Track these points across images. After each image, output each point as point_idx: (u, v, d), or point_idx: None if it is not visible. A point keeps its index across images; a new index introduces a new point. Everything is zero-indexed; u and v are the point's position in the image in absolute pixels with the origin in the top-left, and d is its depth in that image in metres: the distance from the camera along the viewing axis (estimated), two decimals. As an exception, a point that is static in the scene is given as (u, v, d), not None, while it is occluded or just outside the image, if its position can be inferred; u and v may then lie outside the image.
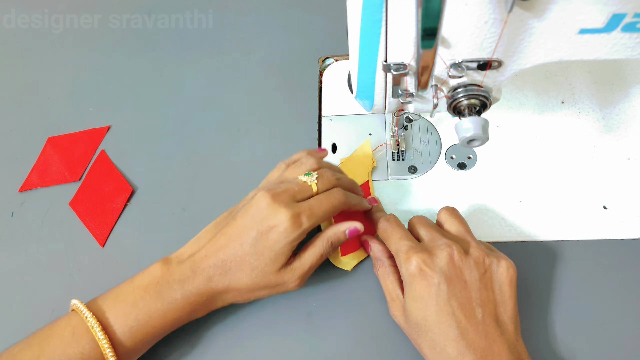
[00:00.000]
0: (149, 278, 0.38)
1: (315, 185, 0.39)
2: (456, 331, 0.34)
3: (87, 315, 0.36)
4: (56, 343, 0.35)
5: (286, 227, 0.36)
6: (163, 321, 0.37)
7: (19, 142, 0.55)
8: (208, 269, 0.37)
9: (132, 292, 0.37)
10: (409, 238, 0.38)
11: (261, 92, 0.55)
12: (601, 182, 0.46)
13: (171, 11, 0.62)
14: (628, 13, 0.29)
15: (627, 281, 0.41)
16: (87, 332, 0.36)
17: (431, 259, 0.35)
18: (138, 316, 0.36)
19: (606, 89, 0.51)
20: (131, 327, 0.36)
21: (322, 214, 0.38)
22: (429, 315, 0.35)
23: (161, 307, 0.37)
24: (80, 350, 0.35)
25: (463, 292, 0.35)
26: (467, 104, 0.35)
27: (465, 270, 0.35)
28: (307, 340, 0.41)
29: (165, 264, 0.38)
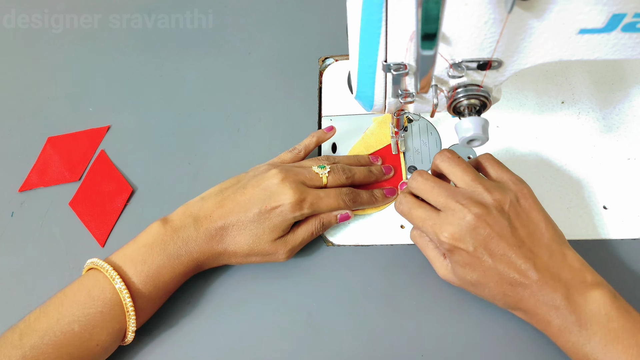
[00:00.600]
0: (152, 236, 0.40)
1: (326, 178, 0.43)
2: (509, 277, 0.35)
3: (107, 268, 0.38)
4: (73, 306, 0.37)
5: (289, 207, 0.40)
6: (172, 275, 0.40)
7: (19, 142, 0.55)
8: (211, 229, 0.40)
9: (139, 250, 0.39)
10: (429, 217, 0.38)
11: (261, 92, 0.55)
12: (601, 182, 0.46)
13: (171, 11, 0.62)
14: (628, 13, 0.29)
15: (627, 281, 0.41)
16: (102, 291, 0.37)
17: (457, 230, 0.36)
18: (149, 271, 0.39)
19: (606, 89, 0.51)
20: (145, 281, 0.39)
21: (325, 208, 0.42)
22: (479, 276, 0.36)
23: (169, 263, 0.39)
24: (99, 310, 0.37)
25: (500, 245, 0.35)
26: (467, 104, 0.35)
27: (493, 225, 0.36)
28: (307, 340, 0.41)
29: (165, 223, 0.41)
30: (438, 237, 0.37)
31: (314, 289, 0.43)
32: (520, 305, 0.36)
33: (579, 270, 0.35)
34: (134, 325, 0.38)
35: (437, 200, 0.38)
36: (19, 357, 0.34)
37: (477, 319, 0.40)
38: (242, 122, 0.53)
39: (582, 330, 0.33)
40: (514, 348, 0.39)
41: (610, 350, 0.32)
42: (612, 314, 0.33)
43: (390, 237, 0.45)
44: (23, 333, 0.36)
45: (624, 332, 0.32)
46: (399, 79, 0.35)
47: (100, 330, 0.37)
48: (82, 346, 0.36)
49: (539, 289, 0.34)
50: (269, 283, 0.43)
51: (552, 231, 0.37)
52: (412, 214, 0.39)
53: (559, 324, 0.34)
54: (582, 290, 0.34)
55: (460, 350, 0.39)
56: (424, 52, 0.29)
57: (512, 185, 0.38)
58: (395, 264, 0.43)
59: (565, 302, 0.34)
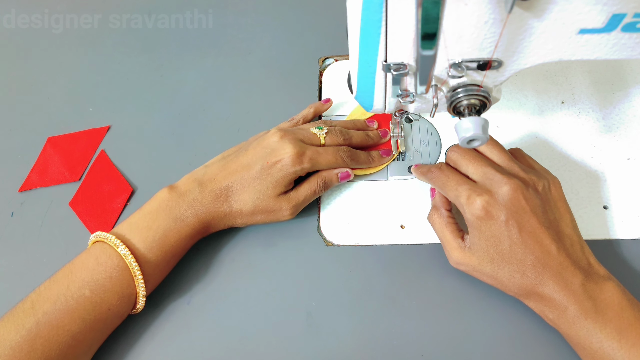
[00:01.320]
0: (157, 202, 0.41)
1: (324, 138, 0.45)
2: (532, 257, 0.36)
3: (109, 237, 0.39)
4: (83, 273, 0.38)
5: (289, 160, 0.41)
6: (178, 237, 0.41)
7: (19, 142, 0.55)
8: (216, 190, 0.42)
9: (144, 217, 0.40)
10: (466, 182, 0.39)
11: (261, 92, 0.55)
12: (601, 182, 0.46)
13: (171, 11, 0.62)
14: (628, 13, 0.29)
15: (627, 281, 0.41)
16: (110, 258, 0.38)
17: (493, 198, 0.36)
18: (155, 236, 0.40)
19: (606, 89, 0.51)
20: (151, 246, 0.39)
21: (324, 163, 0.44)
22: (504, 249, 0.36)
23: (175, 226, 0.40)
24: (108, 275, 0.38)
25: (531, 221, 0.36)
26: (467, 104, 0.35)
27: (529, 200, 0.36)
28: (307, 340, 0.41)
29: (172, 189, 0.42)
30: (472, 201, 0.37)
31: (314, 289, 0.43)
32: (537, 288, 0.36)
33: (593, 264, 0.37)
34: (143, 290, 0.39)
35: (477, 169, 0.39)
36: (32, 323, 0.35)
37: (477, 319, 0.40)
38: (242, 122, 0.53)
39: (598, 317, 0.34)
40: (514, 348, 0.39)
41: (625, 336, 0.33)
42: (625, 304, 0.34)
43: (390, 237, 0.45)
44: (35, 301, 0.36)
45: (636, 321, 0.34)
46: (399, 79, 0.35)
47: (112, 295, 0.37)
48: (95, 310, 0.37)
49: (559, 271, 0.35)
50: (269, 283, 0.43)
51: (574, 225, 0.38)
52: (449, 177, 0.40)
53: (575, 310, 0.35)
54: (597, 280, 0.35)
55: (460, 350, 0.39)
56: (424, 52, 0.29)
57: (545, 174, 0.40)
58: (395, 264, 0.43)
59: (582, 289, 0.35)
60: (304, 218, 0.46)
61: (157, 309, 0.42)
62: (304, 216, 0.46)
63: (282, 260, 0.44)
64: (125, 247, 0.38)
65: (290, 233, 0.46)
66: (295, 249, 0.45)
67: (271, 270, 0.44)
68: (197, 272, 0.44)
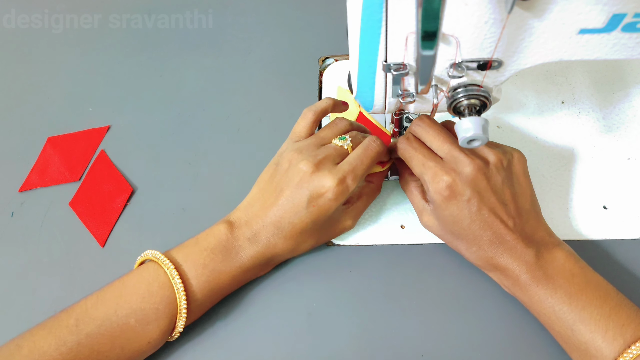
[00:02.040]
0: (215, 240, 0.39)
1: (351, 149, 0.42)
2: (489, 233, 0.37)
3: (168, 264, 0.37)
4: (132, 298, 0.37)
5: (335, 193, 0.38)
6: (231, 281, 0.40)
7: (19, 142, 0.55)
8: (269, 238, 0.40)
9: (201, 253, 0.39)
10: (431, 159, 0.39)
11: (261, 92, 0.55)
12: (601, 182, 0.46)
13: (171, 11, 0.62)
14: (628, 13, 0.29)
15: (627, 281, 0.41)
16: (161, 288, 0.37)
17: (458, 176, 0.37)
18: (210, 277, 0.38)
19: (606, 89, 0.51)
20: (203, 286, 0.38)
21: (364, 171, 0.40)
22: (463, 226, 0.38)
23: (229, 270, 0.39)
24: (155, 307, 0.37)
25: (491, 199, 0.37)
26: (467, 104, 0.35)
27: (490, 179, 0.37)
28: (307, 340, 0.41)
29: (231, 226, 0.40)
30: (437, 182, 0.37)
31: (314, 289, 0.43)
32: (494, 260, 0.38)
33: (550, 234, 0.39)
34: (182, 326, 0.38)
35: (442, 146, 0.39)
36: (74, 343, 0.34)
37: (477, 318, 0.40)
38: (242, 122, 0.53)
39: (549, 283, 0.36)
40: (514, 348, 0.39)
41: (575, 300, 0.35)
42: (576, 271, 0.36)
43: (390, 237, 0.45)
44: (79, 318, 0.35)
45: (587, 286, 0.36)
46: (399, 79, 0.35)
47: (154, 328, 0.37)
48: (136, 340, 0.36)
49: (514, 245, 0.37)
50: (269, 283, 0.43)
51: (533, 199, 0.40)
52: (416, 154, 0.40)
53: (527, 278, 0.37)
54: (550, 249, 0.37)
55: (460, 350, 0.39)
56: (424, 52, 0.29)
57: (509, 149, 0.40)
58: (395, 264, 0.43)
59: (534, 259, 0.37)
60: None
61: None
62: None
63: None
64: (180, 280, 0.37)
65: (290, 233, 0.46)
66: (295, 249, 0.45)
67: (271, 270, 0.44)
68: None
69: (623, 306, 0.35)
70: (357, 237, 0.45)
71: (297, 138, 0.43)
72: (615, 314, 0.34)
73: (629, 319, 0.34)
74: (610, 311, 0.34)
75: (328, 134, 0.43)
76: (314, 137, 0.43)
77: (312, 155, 0.40)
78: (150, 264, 0.39)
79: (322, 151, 0.41)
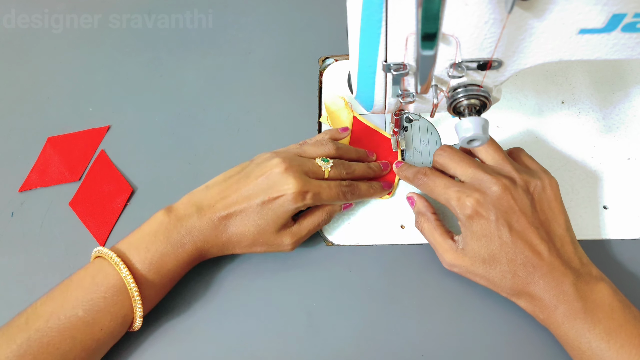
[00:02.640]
0: (156, 225, 0.40)
1: (328, 172, 0.43)
2: (522, 256, 0.36)
3: (111, 255, 0.38)
4: (78, 292, 0.38)
5: (291, 197, 0.40)
6: (176, 263, 0.40)
7: (19, 142, 0.55)
8: (214, 219, 0.40)
9: (143, 238, 0.40)
10: (454, 184, 0.39)
11: (261, 92, 0.55)
12: (601, 182, 0.46)
13: (171, 11, 0.62)
14: (628, 13, 0.29)
15: (627, 281, 0.41)
16: (106, 277, 0.38)
17: (483, 197, 0.37)
18: (153, 259, 0.39)
19: (606, 89, 0.51)
20: (149, 269, 0.39)
21: (326, 199, 0.42)
22: (494, 249, 0.37)
23: (172, 251, 0.40)
24: (102, 295, 0.37)
25: (521, 220, 0.36)
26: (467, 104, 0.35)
27: (517, 200, 0.37)
28: (307, 340, 0.41)
29: (169, 212, 0.41)
30: (463, 203, 0.37)
31: (314, 289, 0.43)
32: (527, 288, 0.36)
33: (586, 264, 0.37)
34: (140, 311, 0.38)
35: (466, 171, 0.39)
36: (24, 340, 0.35)
37: (477, 319, 0.40)
38: (242, 122, 0.53)
39: (587, 317, 0.34)
40: (514, 348, 0.39)
41: (614, 337, 0.33)
42: (615, 305, 0.34)
43: (390, 237, 0.45)
44: (29, 317, 0.37)
45: (626, 323, 0.34)
46: (399, 79, 0.35)
47: (104, 315, 0.37)
48: (86, 330, 0.37)
49: (550, 271, 0.35)
50: (269, 283, 0.43)
51: (567, 225, 0.38)
52: (435, 182, 0.40)
53: (564, 310, 0.35)
54: (588, 280, 0.35)
55: (460, 350, 0.39)
56: (424, 52, 0.29)
57: (541, 174, 0.39)
58: (395, 264, 0.43)
59: (573, 289, 0.35)
60: (304, 218, 0.46)
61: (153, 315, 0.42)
62: (304, 216, 0.46)
63: (282, 260, 0.44)
64: (126, 266, 0.38)
65: (290, 233, 0.46)
66: (296, 249, 0.45)
67: (271, 270, 0.44)
68: (196, 272, 0.44)
69: None
70: (357, 237, 0.45)
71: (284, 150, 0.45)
72: None
73: None
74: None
75: (312, 151, 0.44)
76: (298, 146, 0.45)
77: (288, 158, 0.42)
78: (96, 260, 0.40)
79: (300, 160, 0.43)
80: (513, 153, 0.42)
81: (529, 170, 0.40)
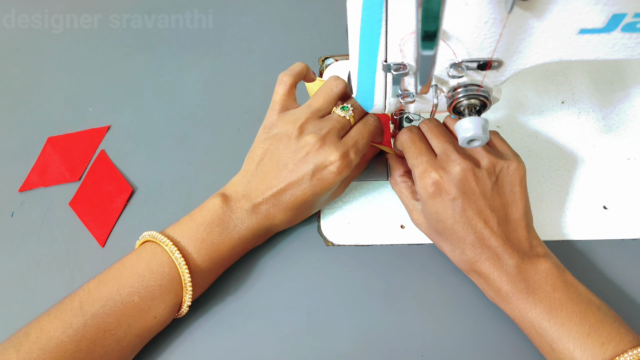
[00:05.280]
0: (210, 214, 0.40)
1: (353, 118, 0.42)
2: (472, 236, 0.37)
3: (166, 242, 0.38)
4: (132, 278, 0.37)
5: (338, 167, 0.40)
6: (231, 252, 0.40)
7: (19, 142, 0.55)
8: (270, 209, 0.41)
9: (197, 228, 0.39)
10: (425, 153, 0.39)
11: (261, 92, 0.55)
12: (601, 182, 0.46)
13: (171, 11, 0.62)
14: (628, 13, 0.29)
15: (627, 281, 0.41)
16: (161, 265, 0.38)
17: (446, 174, 0.37)
18: (209, 249, 0.39)
19: (606, 89, 0.51)
20: (204, 258, 0.39)
21: (365, 145, 0.42)
22: (447, 225, 0.38)
23: (228, 242, 0.40)
24: (158, 283, 0.37)
25: (478, 202, 0.37)
26: (467, 104, 0.35)
27: (479, 181, 0.37)
28: (307, 340, 0.41)
29: (225, 199, 0.40)
30: (425, 177, 0.38)
31: (314, 289, 0.43)
32: (476, 266, 0.38)
33: (535, 246, 0.38)
34: (189, 300, 0.39)
35: (439, 144, 0.39)
36: (80, 325, 0.35)
37: (477, 319, 0.40)
38: (242, 122, 0.53)
39: (529, 297, 0.35)
40: (513, 348, 0.39)
41: (554, 316, 0.34)
42: (557, 284, 0.35)
43: (390, 237, 0.45)
44: (83, 301, 0.36)
45: (568, 301, 0.35)
46: (399, 79, 0.35)
47: (159, 303, 0.37)
48: (141, 317, 0.37)
49: (496, 253, 0.37)
50: (269, 283, 0.43)
51: (526, 211, 0.39)
52: (413, 146, 0.40)
53: (508, 290, 0.36)
54: (534, 262, 0.36)
55: (460, 350, 0.39)
56: (424, 52, 0.29)
57: (510, 156, 0.39)
58: (395, 264, 0.43)
59: (516, 270, 0.36)
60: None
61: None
62: (304, 216, 0.46)
63: (282, 260, 0.44)
64: (182, 256, 0.38)
65: (291, 233, 0.46)
66: (295, 249, 0.45)
67: (271, 270, 0.44)
68: (197, 272, 0.44)
69: (604, 322, 0.34)
70: (357, 237, 0.45)
71: (281, 107, 0.43)
72: (595, 331, 0.33)
73: (609, 337, 0.33)
74: (590, 328, 0.33)
75: (324, 104, 0.42)
76: (308, 108, 0.42)
77: (317, 129, 0.40)
78: (147, 244, 0.39)
79: (326, 124, 0.41)
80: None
81: (498, 152, 0.40)
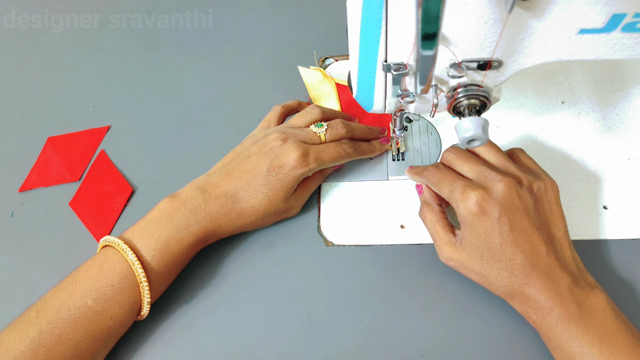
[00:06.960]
0: (159, 212, 0.41)
1: (324, 136, 0.44)
2: (521, 256, 0.36)
3: (118, 242, 0.39)
4: (86, 281, 0.38)
5: (295, 164, 0.41)
6: (180, 246, 0.40)
7: (19, 142, 0.55)
8: (220, 197, 0.41)
9: (147, 226, 0.40)
10: (461, 178, 0.39)
11: (261, 92, 0.55)
12: (601, 182, 0.46)
13: (171, 11, 0.62)
14: (628, 13, 0.29)
15: (627, 281, 0.41)
16: (113, 266, 0.38)
17: (488, 194, 0.36)
18: (157, 244, 0.39)
19: (606, 89, 0.51)
20: (153, 254, 0.39)
21: (328, 160, 0.43)
22: (494, 246, 0.36)
23: (177, 234, 0.40)
24: (110, 283, 0.38)
25: (523, 220, 0.36)
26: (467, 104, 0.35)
27: (522, 199, 0.37)
28: (307, 340, 0.41)
29: (173, 197, 0.42)
30: (467, 196, 0.37)
31: (314, 289, 0.43)
32: (523, 288, 0.36)
33: (582, 270, 0.37)
34: (148, 298, 0.39)
35: (473, 167, 0.39)
36: (36, 333, 0.35)
37: (477, 318, 0.40)
38: (242, 122, 0.53)
39: (582, 322, 0.34)
40: (513, 348, 0.39)
41: (606, 344, 0.33)
42: (609, 312, 0.34)
43: (390, 237, 0.45)
44: (39, 310, 0.37)
45: (618, 331, 0.34)
46: (399, 79, 0.35)
47: (113, 304, 0.37)
48: (97, 319, 0.37)
49: (547, 273, 0.35)
50: (269, 283, 0.43)
51: (565, 230, 0.38)
52: (444, 174, 0.40)
53: (559, 313, 0.35)
54: (583, 286, 0.35)
55: (460, 350, 0.39)
56: (424, 52, 0.29)
57: (543, 175, 0.39)
58: (395, 264, 0.43)
59: (569, 292, 0.35)
60: (304, 218, 0.46)
61: (158, 312, 0.42)
62: (304, 216, 0.46)
63: (283, 260, 0.44)
64: (133, 253, 0.38)
65: (290, 233, 0.46)
66: (296, 249, 0.45)
67: (271, 270, 0.44)
68: (197, 273, 0.44)
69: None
70: (357, 237, 0.45)
71: (267, 125, 0.47)
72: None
73: None
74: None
75: (300, 122, 0.46)
76: (285, 123, 0.47)
77: (283, 131, 0.44)
78: (103, 249, 0.40)
79: (295, 130, 0.44)
80: (513, 154, 0.42)
81: (531, 171, 0.40)
